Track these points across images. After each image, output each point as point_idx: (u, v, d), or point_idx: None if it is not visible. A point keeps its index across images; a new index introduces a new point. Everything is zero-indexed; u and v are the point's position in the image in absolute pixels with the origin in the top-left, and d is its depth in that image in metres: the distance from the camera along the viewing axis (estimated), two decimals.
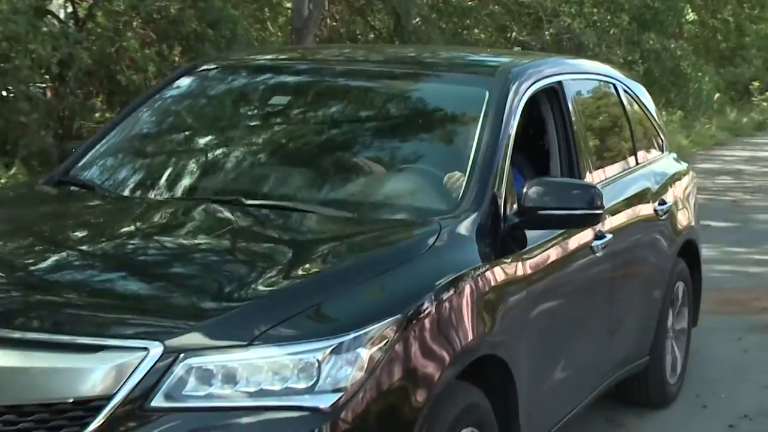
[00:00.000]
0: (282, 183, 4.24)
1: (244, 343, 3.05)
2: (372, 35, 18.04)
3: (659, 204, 5.55)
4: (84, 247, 3.75)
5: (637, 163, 5.58)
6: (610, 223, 4.83)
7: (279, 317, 3.14)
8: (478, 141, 4.14)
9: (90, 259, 3.63)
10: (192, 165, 4.40)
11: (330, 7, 17.35)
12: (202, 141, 4.61)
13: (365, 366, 3.13)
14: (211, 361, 3.02)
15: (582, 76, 5.27)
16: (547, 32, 19.68)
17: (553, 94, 4.76)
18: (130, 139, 4.64)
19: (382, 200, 4.11)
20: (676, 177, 6.06)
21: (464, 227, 3.84)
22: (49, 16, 12.47)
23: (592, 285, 4.71)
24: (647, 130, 5.98)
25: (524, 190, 4.00)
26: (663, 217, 5.57)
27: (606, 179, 5.02)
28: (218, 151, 4.48)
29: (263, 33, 16.55)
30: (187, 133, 4.71)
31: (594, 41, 19.77)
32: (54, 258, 3.60)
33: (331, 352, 3.10)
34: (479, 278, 3.72)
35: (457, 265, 3.66)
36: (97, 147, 4.57)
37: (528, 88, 4.47)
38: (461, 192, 3.98)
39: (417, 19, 17.42)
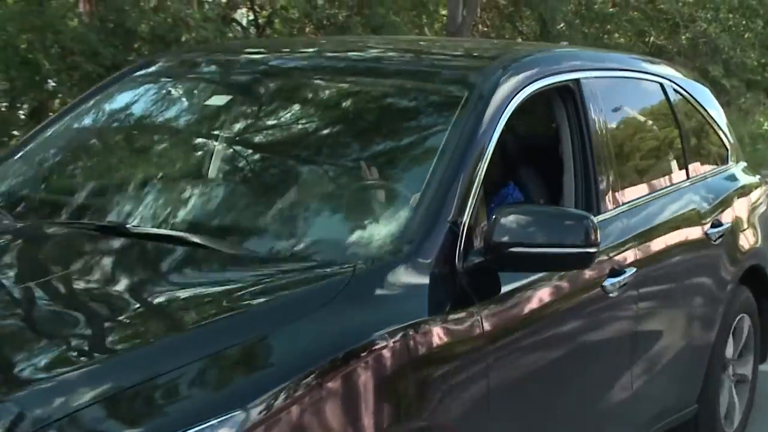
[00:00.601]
0: (184, 205, 2.77)
1: None
2: (519, 39, 16.35)
3: (712, 226, 3.78)
4: None
5: (688, 178, 3.83)
6: (635, 254, 3.22)
7: (52, 415, 1.80)
8: (440, 157, 2.63)
9: None
10: (91, 183, 2.99)
11: (482, 13, 15.82)
12: (110, 154, 3.16)
13: None
14: None
15: (610, 73, 3.53)
16: (683, 37, 17.48)
17: (569, 95, 3.16)
18: (41, 151, 3.17)
19: (298, 233, 2.60)
20: (740, 192, 4.18)
21: (400, 270, 2.38)
22: (233, 23, 12.07)
23: (604, 336, 3.11)
24: (706, 139, 4.18)
25: (493, 218, 2.50)
26: (717, 242, 3.79)
27: (636, 199, 3.39)
28: (123, 167, 3.05)
29: None
30: (95, 145, 3.21)
31: (729, 45, 17.39)
32: None
33: None
34: (410, 340, 2.28)
35: (375, 325, 2.23)
36: (11, 160, 3.13)
37: (522, 89, 2.89)
38: (404, 222, 2.51)
39: (561, 25, 15.71)
